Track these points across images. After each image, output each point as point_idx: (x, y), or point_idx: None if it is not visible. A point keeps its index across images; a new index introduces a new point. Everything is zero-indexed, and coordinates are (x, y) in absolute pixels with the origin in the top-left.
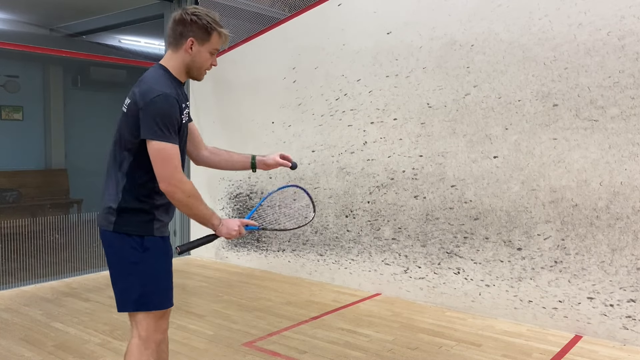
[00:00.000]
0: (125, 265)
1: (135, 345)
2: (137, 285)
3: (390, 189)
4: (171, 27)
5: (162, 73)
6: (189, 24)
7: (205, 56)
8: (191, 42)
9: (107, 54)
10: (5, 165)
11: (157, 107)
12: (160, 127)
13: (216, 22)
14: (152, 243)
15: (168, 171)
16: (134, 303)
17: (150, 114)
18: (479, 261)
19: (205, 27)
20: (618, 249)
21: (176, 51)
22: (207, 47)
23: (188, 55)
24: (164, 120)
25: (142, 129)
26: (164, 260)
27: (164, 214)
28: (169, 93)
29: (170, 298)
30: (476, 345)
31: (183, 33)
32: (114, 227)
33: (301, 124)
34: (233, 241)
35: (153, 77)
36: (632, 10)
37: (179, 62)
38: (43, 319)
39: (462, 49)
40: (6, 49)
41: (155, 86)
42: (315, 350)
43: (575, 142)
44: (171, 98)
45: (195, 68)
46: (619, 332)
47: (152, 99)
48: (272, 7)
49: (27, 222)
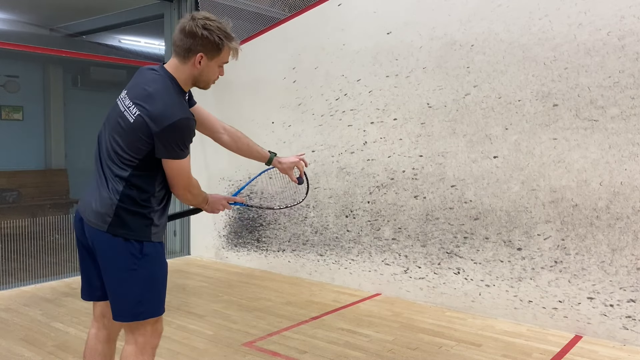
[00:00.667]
0: (122, 272)
1: (132, 352)
2: (133, 294)
3: (390, 189)
4: (179, 37)
5: (170, 86)
6: (200, 39)
7: (214, 70)
8: (200, 57)
9: (107, 54)
10: (5, 165)
11: (177, 133)
12: (180, 148)
13: (228, 37)
14: (150, 249)
15: (184, 181)
16: (130, 314)
17: (171, 139)
18: (479, 261)
19: (217, 43)
20: (618, 249)
21: (184, 63)
22: (216, 61)
23: (196, 69)
24: (184, 141)
25: (158, 150)
26: (161, 265)
27: (161, 218)
28: (188, 116)
29: (162, 305)
30: (476, 345)
31: (192, 48)
32: (109, 228)
33: (301, 124)
34: (233, 241)
35: (167, 96)
36: (632, 10)
37: (186, 74)
38: (43, 319)
39: (462, 49)
40: (6, 49)
41: (172, 108)
42: (315, 350)
43: (575, 142)
44: (190, 121)
45: (202, 81)
46: (619, 332)
47: (171, 125)
48: (272, 7)
49: (27, 222)
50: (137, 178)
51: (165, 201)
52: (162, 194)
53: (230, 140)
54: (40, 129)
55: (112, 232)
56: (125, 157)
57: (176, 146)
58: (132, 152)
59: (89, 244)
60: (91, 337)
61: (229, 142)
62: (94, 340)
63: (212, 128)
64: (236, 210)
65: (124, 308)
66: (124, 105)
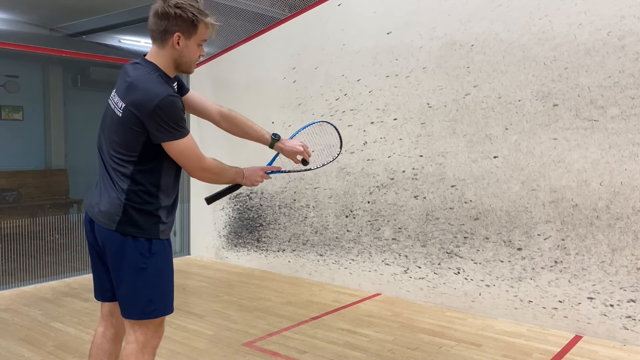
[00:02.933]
0: (131, 271)
1: (132, 350)
2: (144, 293)
3: (390, 189)
4: (154, 22)
5: (152, 73)
6: (174, 18)
7: (194, 49)
8: (178, 37)
9: (107, 54)
10: (5, 165)
11: (164, 113)
12: (175, 127)
13: (202, 12)
14: (159, 247)
15: (194, 162)
16: (141, 312)
17: (161, 120)
18: (479, 261)
19: (191, 19)
20: (618, 249)
21: (162, 47)
22: (194, 39)
23: (176, 51)
24: (176, 119)
25: (153, 136)
26: (169, 263)
27: (169, 215)
28: (169, 93)
29: (172, 303)
30: (476, 345)
31: (168, 28)
32: (117, 226)
33: (301, 124)
34: (233, 241)
35: (146, 80)
36: (632, 10)
37: (167, 59)
38: (43, 319)
39: (462, 49)
40: (6, 49)
41: (154, 89)
42: (315, 350)
43: (575, 142)
44: (174, 97)
45: (184, 63)
46: (619, 332)
47: (156, 106)
48: (272, 7)
49: (27, 222)
50: (140, 174)
51: (173, 199)
52: (169, 190)
53: (228, 125)
54: (40, 129)
55: (121, 231)
56: (125, 154)
57: (168, 126)
58: (130, 147)
59: (99, 245)
60: (98, 335)
61: (227, 127)
62: (100, 339)
63: (209, 114)
64: (236, 210)
65: (134, 306)
66: (114, 103)
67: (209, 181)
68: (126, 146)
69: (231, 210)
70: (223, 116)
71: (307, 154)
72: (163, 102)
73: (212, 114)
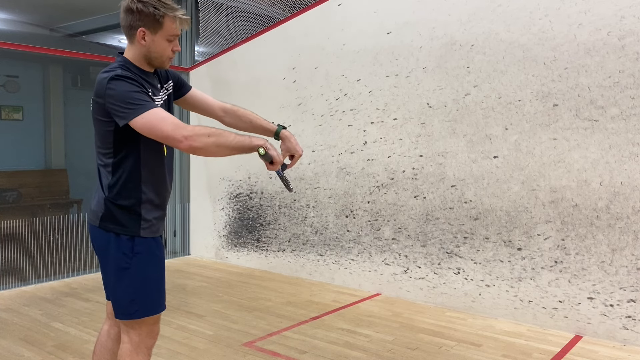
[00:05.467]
0: (115, 271)
1: (127, 351)
2: (126, 293)
3: (390, 189)
4: (122, 17)
5: (118, 65)
6: (136, 13)
7: (162, 45)
8: (142, 33)
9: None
10: (5, 165)
11: (117, 91)
12: (132, 103)
13: (166, 6)
14: (143, 247)
15: (171, 131)
16: (124, 312)
17: (117, 99)
18: (479, 261)
19: (153, 14)
20: (618, 249)
21: (131, 42)
22: (161, 34)
23: (143, 46)
24: (131, 95)
25: (117, 118)
26: (155, 263)
27: (152, 211)
28: (117, 72)
29: (162, 302)
30: (476, 345)
31: (132, 24)
32: (100, 223)
33: (301, 124)
34: (233, 241)
35: (106, 70)
36: (632, 10)
37: (136, 53)
38: (43, 319)
39: (462, 49)
40: (6, 49)
41: (103, 76)
42: (315, 350)
43: (575, 142)
44: (123, 75)
45: (154, 58)
46: (619, 332)
47: (107, 88)
48: (272, 7)
49: (27, 222)
50: (118, 167)
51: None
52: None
53: (231, 119)
54: (40, 129)
55: (104, 228)
56: (102, 147)
57: (124, 103)
58: (104, 140)
59: None
60: (103, 333)
61: (230, 122)
62: (105, 337)
63: (212, 111)
64: (236, 210)
65: (119, 306)
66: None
67: (206, 150)
68: (101, 140)
69: (231, 210)
70: (226, 111)
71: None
72: (111, 81)
73: (215, 111)
